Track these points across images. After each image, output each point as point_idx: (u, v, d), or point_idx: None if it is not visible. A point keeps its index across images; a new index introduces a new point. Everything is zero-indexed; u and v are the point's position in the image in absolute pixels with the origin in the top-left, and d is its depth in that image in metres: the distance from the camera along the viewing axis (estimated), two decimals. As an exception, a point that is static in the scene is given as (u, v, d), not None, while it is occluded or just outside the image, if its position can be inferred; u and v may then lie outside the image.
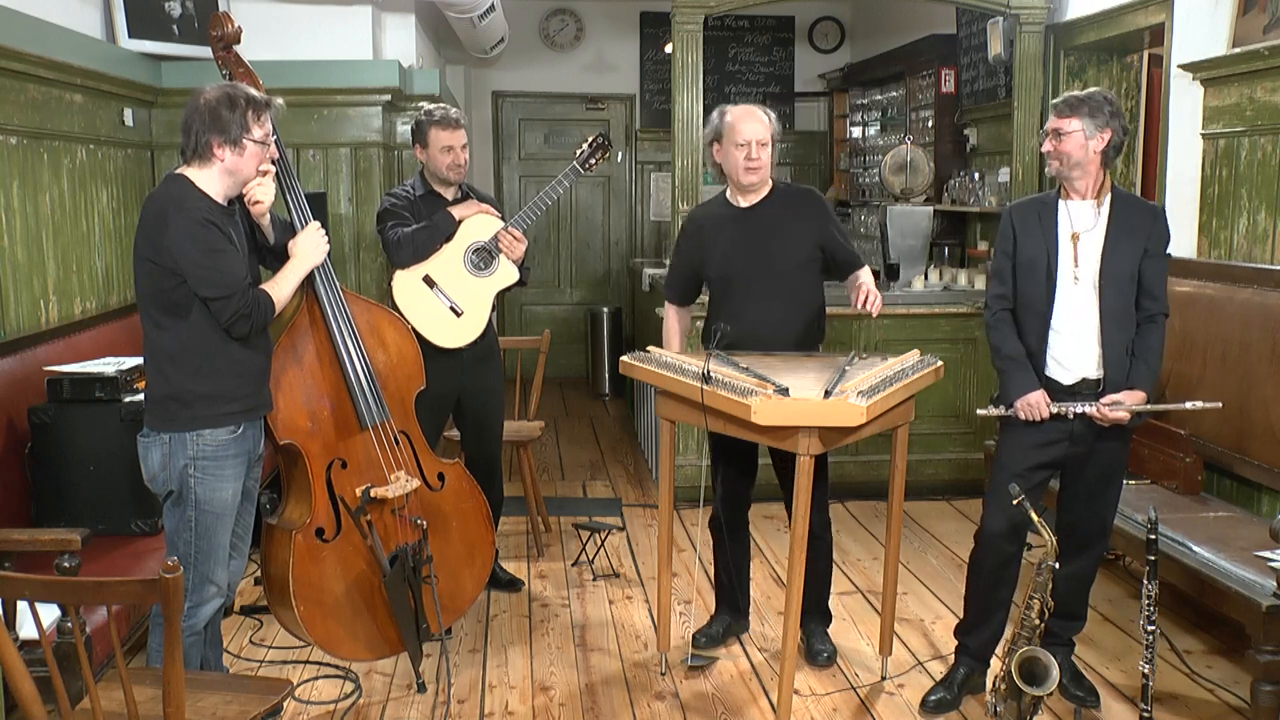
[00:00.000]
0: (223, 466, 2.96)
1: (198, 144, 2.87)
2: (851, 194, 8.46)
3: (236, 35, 3.31)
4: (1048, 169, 3.34)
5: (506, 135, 8.98)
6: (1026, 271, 3.31)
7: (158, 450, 2.94)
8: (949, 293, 5.90)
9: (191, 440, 2.92)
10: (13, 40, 3.84)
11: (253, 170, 2.93)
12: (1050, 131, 3.24)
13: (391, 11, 5.90)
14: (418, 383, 3.54)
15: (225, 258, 2.87)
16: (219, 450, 2.95)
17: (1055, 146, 3.23)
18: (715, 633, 3.92)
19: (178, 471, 2.93)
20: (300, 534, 3.21)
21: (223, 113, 2.85)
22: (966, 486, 5.57)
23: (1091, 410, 3.21)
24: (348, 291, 3.37)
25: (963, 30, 6.72)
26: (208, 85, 2.93)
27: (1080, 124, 3.18)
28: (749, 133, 3.56)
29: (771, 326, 3.61)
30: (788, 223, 3.64)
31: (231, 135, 2.86)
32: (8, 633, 2.16)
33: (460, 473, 3.62)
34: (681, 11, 5.38)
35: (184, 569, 2.89)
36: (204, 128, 2.86)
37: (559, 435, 7.24)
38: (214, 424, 2.93)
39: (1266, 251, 4.10)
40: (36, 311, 4.09)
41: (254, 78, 3.33)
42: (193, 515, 2.95)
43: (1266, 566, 3.18)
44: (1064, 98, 3.27)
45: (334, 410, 3.29)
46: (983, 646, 3.51)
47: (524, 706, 3.53)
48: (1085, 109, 3.18)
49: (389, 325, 3.49)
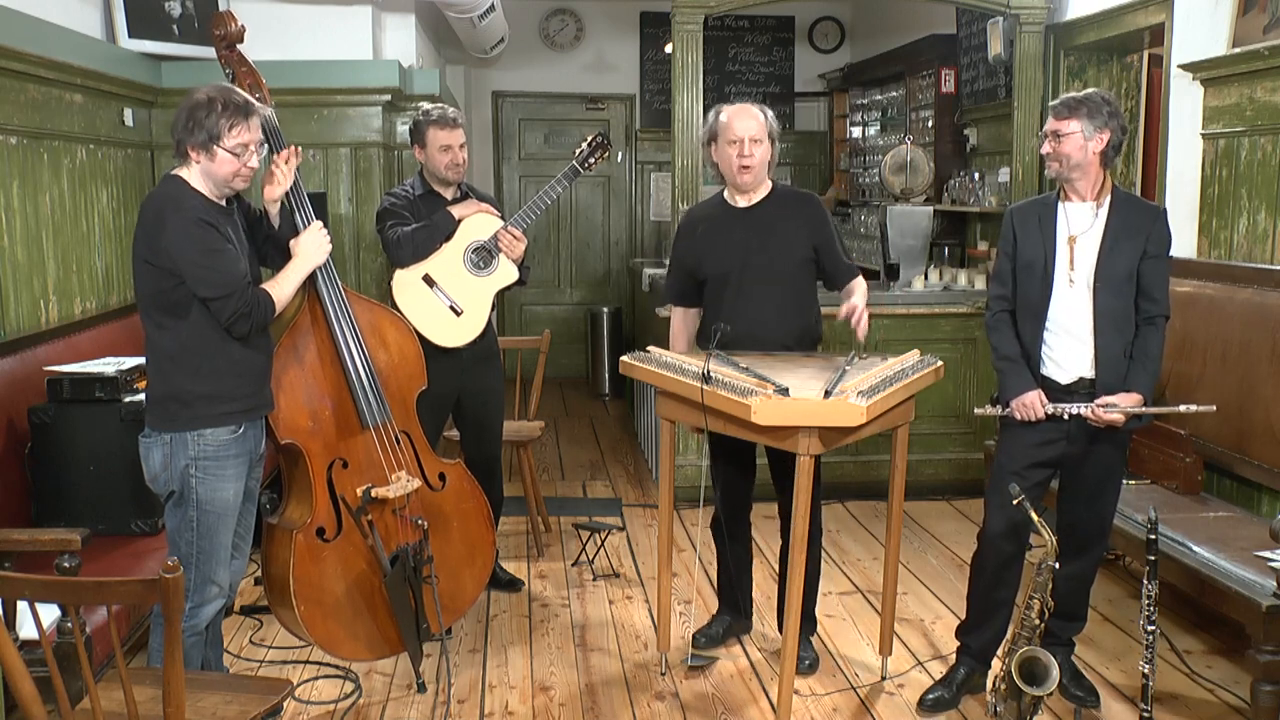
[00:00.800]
0: (224, 466, 2.96)
1: (177, 145, 2.89)
2: (851, 194, 8.46)
3: (239, 34, 3.31)
4: (1047, 171, 3.34)
5: (506, 135, 8.98)
6: (1025, 273, 3.32)
7: (159, 450, 2.94)
8: (949, 293, 5.90)
9: (192, 440, 2.92)
10: (13, 40, 3.84)
11: (228, 174, 2.89)
12: (1049, 134, 3.24)
13: (391, 11, 5.90)
14: (419, 383, 3.54)
15: (223, 257, 2.86)
16: (220, 450, 2.95)
17: (1054, 148, 3.23)
18: (715, 633, 3.92)
19: (179, 472, 2.93)
20: (301, 534, 3.21)
21: (199, 115, 2.84)
22: (966, 486, 5.57)
23: (1086, 412, 3.21)
24: (349, 291, 3.37)
25: (963, 30, 6.73)
26: (204, 87, 2.91)
27: (1078, 125, 3.18)
28: (741, 129, 3.54)
29: (767, 327, 3.60)
30: (784, 223, 3.63)
31: (199, 139, 2.84)
32: (8, 633, 2.16)
33: (461, 473, 3.62)
34: (681, 11, 5.38)
35: (185, 569, 2.91)
36: (181, 129, 2.86)
37: (559, 435, 7.24)
38: (214, 424, 2.93)
39: (1266, 251, 4.10)
40: (36, 311, 4.09)
41: (257, 77, 3.34)
42: (194, 515, 2.95)
43: (1266, 566, 3.18)
44: (1062, 99, 3.27)
45: (335, 410, 3.29)
46: (984, 647, 3.51)
47: (524, 706, 3.53)
48: (1083, 110, 3.18)
49: (391, 325, 3.49)
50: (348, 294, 3.34)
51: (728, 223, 3.66)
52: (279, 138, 3.27)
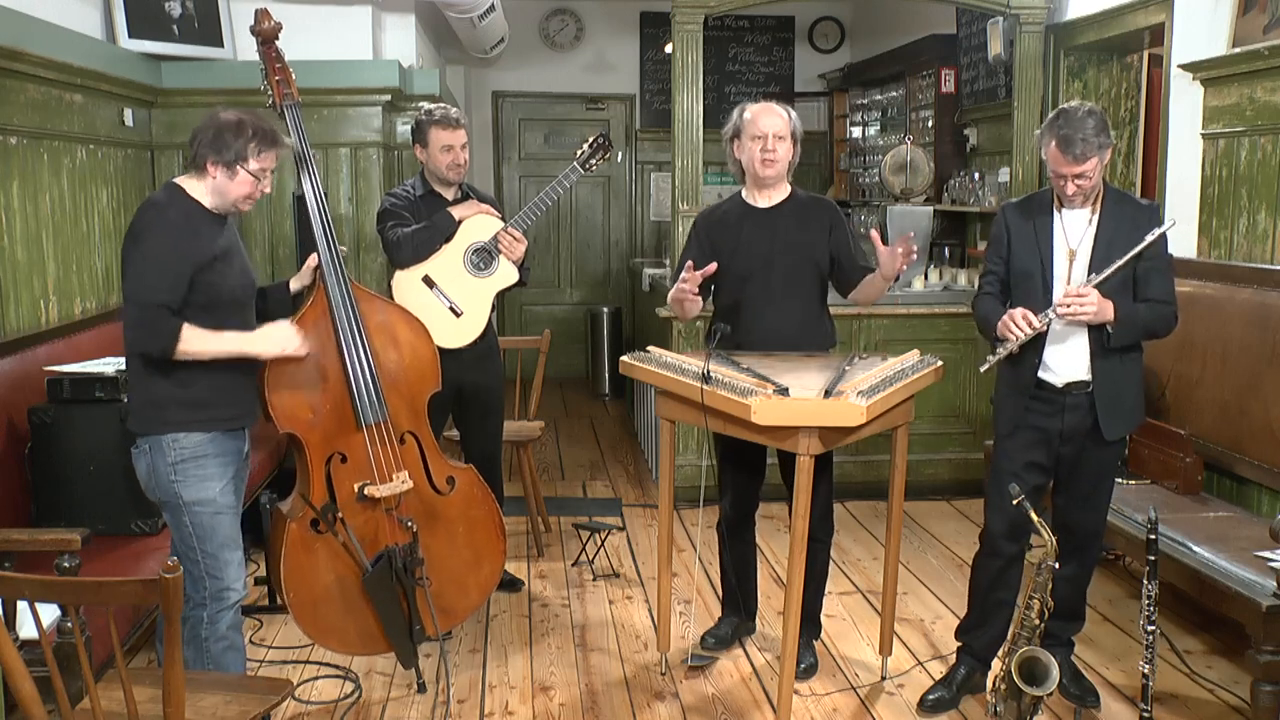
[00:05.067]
0: (204, 466, 2.96)
1: (196, 157, 2.93)
2: (851, 194, 8.46)
3: (274, 31, 3.42)
4: (1068, 204, 3.21)
5: (506, 135, 8.98)
6: (1022, 280, 3.29)
7: (143, 461, 2.98)
8: (949, 293, 5.90)
9: (168, 445, 2.92)
10: (13, 40, 3.84)
11: (240, 195, 2.95)
12: (1070, 176, 3.11)
13: (391, 11, 5.90)
14: (431, 385, 3.53)
15: (162, 271, 2.82)
16: (196, 451, 2.95)
17: (1081, 186, 3.13)
18: (724, 634, 3.91)
19: (163, 480, 2.94)
20: (295, 523, 3.24)
21: (227, 136, 2.90)
22: (966, 486, 5.57)
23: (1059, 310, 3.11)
24: (365, 291, 3.43)
25: (963, 30, 6.72)
26: (231, 110, 2.98)
27: (1097, 158, 3.10)
28: (765, 125, 3.54)
29: (788, 329, 3.59)
30: (804, 226, 3.62)
31: (226, 158, 2.90)
32: (8, 633, 2.16)
33: (473, 479, 3.60)
34: (681, 11, 5.38)
35: (198, 581, 2.95)
36: (206, 145, 2.91)
37: (559, 435, 7.24)
38: (188, 429, 2.93)
39: (1266, 251, 4.10)
40: (36, 311, 4.09)
41: (288, 74, 3.42)
42: (187, 520, 2.96)
43: (1266, 566, 3.18)
44: (1079, 142, 3.06)
45: (335, 406, 3.31)
46: (984, 647, 3.51)
47: (524, 707, 3.53)
48: (1097, 143, 3.07)
49: (405, 325, 3.50)
50: (361, 293, 3.38)
51: (748, 221, 3.64)
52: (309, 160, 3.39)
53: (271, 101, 3.44)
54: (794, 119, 3.60)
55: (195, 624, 2.99)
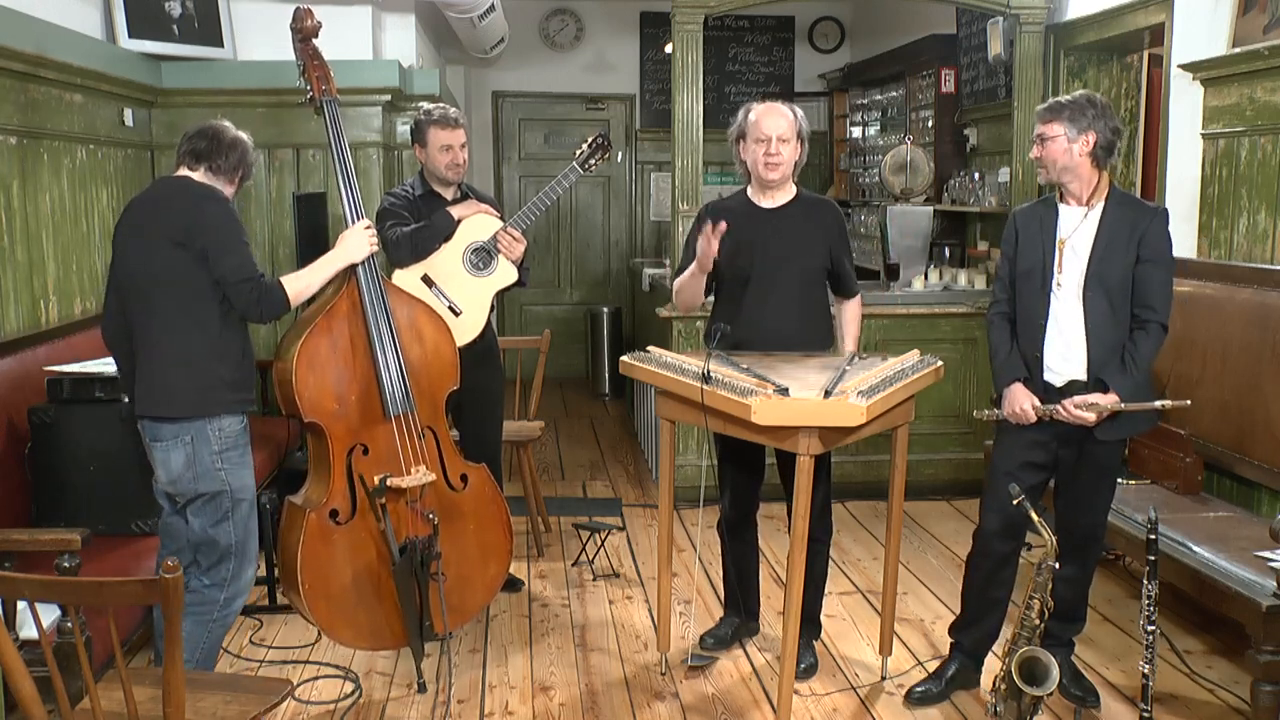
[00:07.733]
0: (243, 454, 3.11)
1: (210, 165, 3.12)
2: (851, 194, 8.46)
3: (315, 29, 3.48)
4: (1038, 176, 3.35)
5: (506, 135, 8.98)
6: (1024, 280, 3.32)
7: (179, 452, 3.01)
8: (949, 293, 5.90)
9: (213, 433, 3.02)
10: (13, 40, 3.84)
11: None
12: (1035, 138, 3.25)
13: (391, 11, 5.90)
14: (450, 382, 3.57)
15: (249, 247, 3.10)
16: (238, 439, 3.09)
17: (1040, 153, 3.23)
18: (724, 634, 3.91)
19: (207, 469, 3.02)
20: (315, 513, 3.26)
21: (247, 157, 3.21)
22: (966, 486, 5.57)
23: (1063, 413, 3.20)
24: (392, 284, 3.50)
25: (963, 30, 6.72)
26: (237, 129, 3.20)
27: (1061, 128, 3.17)
28: (770, 128, 3.54)
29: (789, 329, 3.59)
30: (809, 228, 3.61)
31: (241, 174, 3.23)
32: (8, 633, 2.16)
33: (485, 478, 3.62)
34: (681, 11, 5.38)
35: (223, 562, 3.08)
36: (223, 159, 3.15)
37: (559, 435, 7.24)
38: (230, 410, 3.07)
39: (1266, 251, 4.10)
40: (36, 311, 4.10)
41: (326, 71, 3.50)
42: (229, 507, 3.07)
43: (1266, 566, 3.18)
44: (1047, 103, 3.27)
45: (361, 397, 3.34)
46: (976, 644, 3.52)
47: (524, 707, 3.53)
48: (1065, 113, 3.17)
49: (430, 323, 3.54)
50: (390, 287, 3.46)
51: (751, 221, 3.62)
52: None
53: (311, 96, 3.49)
54: (799, 118, 3.60)
55: (208, 605, 3.09)
